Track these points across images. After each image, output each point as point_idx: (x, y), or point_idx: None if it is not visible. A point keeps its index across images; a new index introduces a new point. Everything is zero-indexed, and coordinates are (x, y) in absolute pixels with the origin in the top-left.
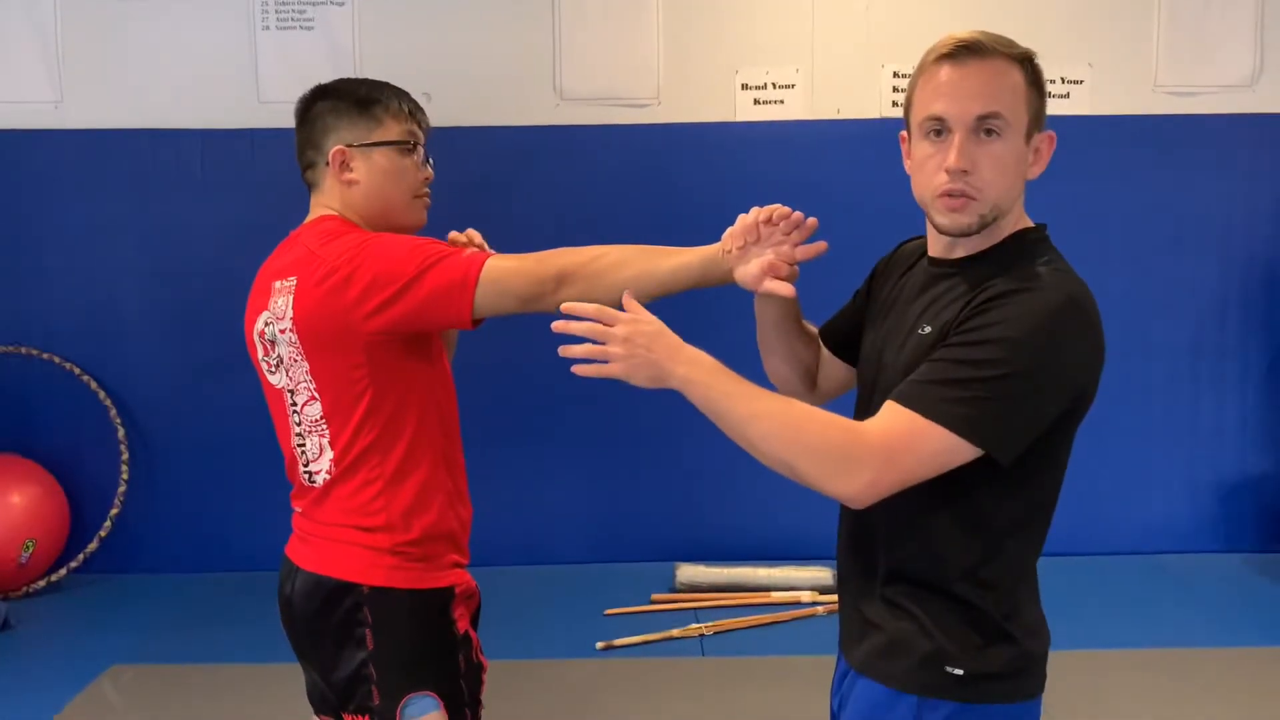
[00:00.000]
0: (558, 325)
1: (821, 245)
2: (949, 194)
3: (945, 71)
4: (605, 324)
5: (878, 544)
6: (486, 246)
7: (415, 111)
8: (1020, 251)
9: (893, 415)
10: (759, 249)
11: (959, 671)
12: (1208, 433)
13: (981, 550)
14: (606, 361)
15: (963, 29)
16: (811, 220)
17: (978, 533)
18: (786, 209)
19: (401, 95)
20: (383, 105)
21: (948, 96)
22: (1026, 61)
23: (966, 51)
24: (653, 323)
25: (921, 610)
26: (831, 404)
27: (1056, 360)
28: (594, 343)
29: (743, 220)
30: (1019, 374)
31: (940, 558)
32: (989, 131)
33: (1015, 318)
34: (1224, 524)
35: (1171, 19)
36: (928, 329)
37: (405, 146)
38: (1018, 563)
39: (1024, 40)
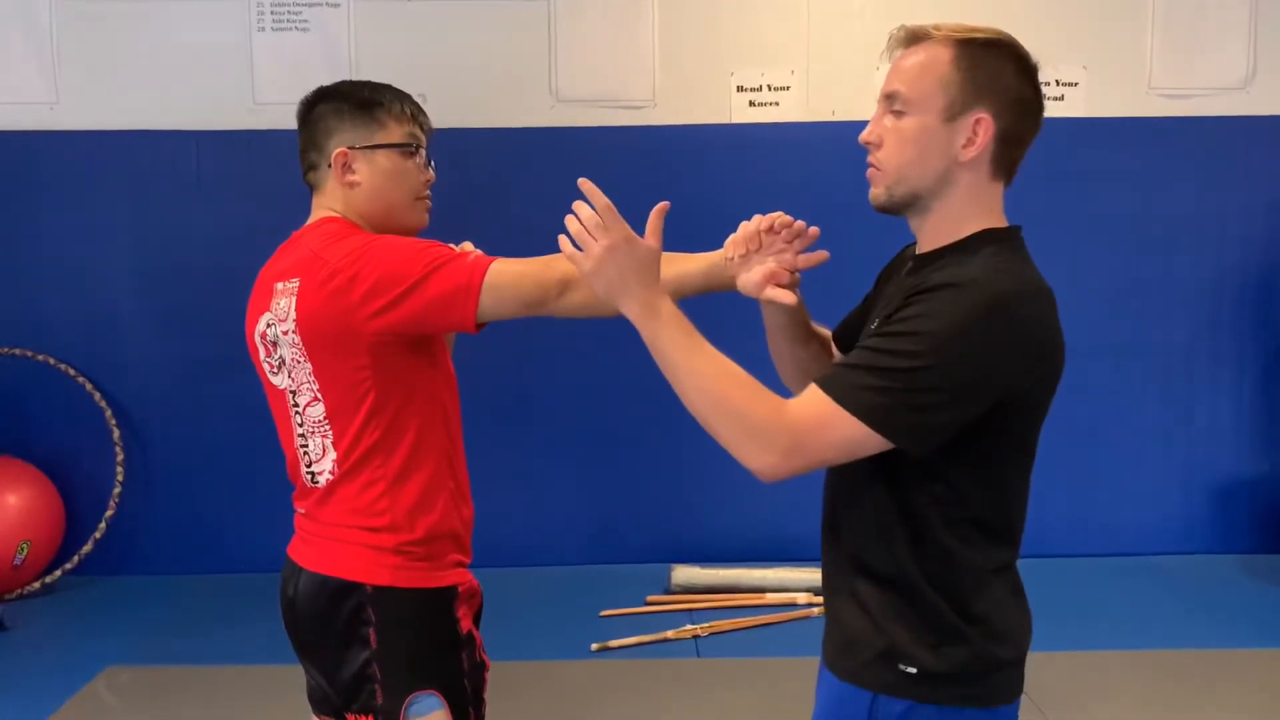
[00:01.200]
0: (582, 182)
1: (823, 254)
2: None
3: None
4: (606, 223)
5: (843, 538)
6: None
7: (418, 114)
8: (972, 249)
9: (812, 398)
10: (761, 257)
11: (912, 670)
12: (1203, 434)
13: (929, 548)
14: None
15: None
16: (813, 229)
17: (924, 531)
18: (788, 218)
19: (404, 98)
20: (385, 108)
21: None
22: (965, 44)
23: (904, 40)
24: (646, 251)
25: (877, 606)
26: None
27: (973, 358)
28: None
29: (744, 228)
30: (932, 368)
31: (892, 554)
32: (896, 111)
33: (937, 312)
34: (1219, 526)
35: (1166, 21)
36: (875, 323)
37: (407, 149)
38: (972, 563)
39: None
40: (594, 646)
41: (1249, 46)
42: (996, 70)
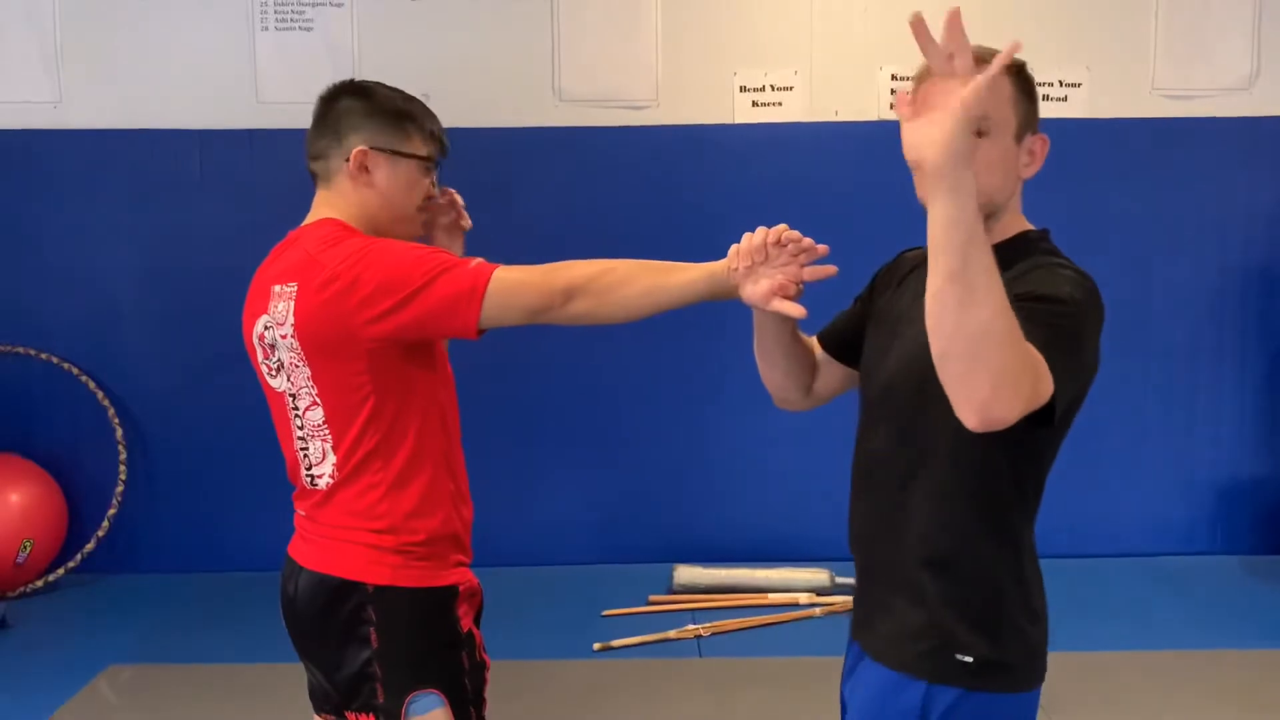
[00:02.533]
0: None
1: (831, 269)
2: None
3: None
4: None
5: (905, 531)
6: (464, 213)
7: (442, 138)
8: (1025, 250)
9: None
10: (766, 268)
11: (968, 659)
12: (1205, 435)
13: (1006, 536)
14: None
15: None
16: (822, 246)
17: (1002, 517)
18: (796, 232)
19: (432, 119)
20: (416, 123)
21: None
22: (1021, 69)
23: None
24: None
25: (937, 595)
26: (827, 406)
27: (1096, 321)
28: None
29: (749, 240)
30: (1080, 328)
31: (964, 541)
32: (979, 132)
33: (1056, 279)
34: (1221, 526)
35: (1169, 22)
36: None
37: (427, 165)
38: (1025, 543)
39: (1022, 44)
40: (596, 646)
41: (1252, 47)
42: (1035, 91)
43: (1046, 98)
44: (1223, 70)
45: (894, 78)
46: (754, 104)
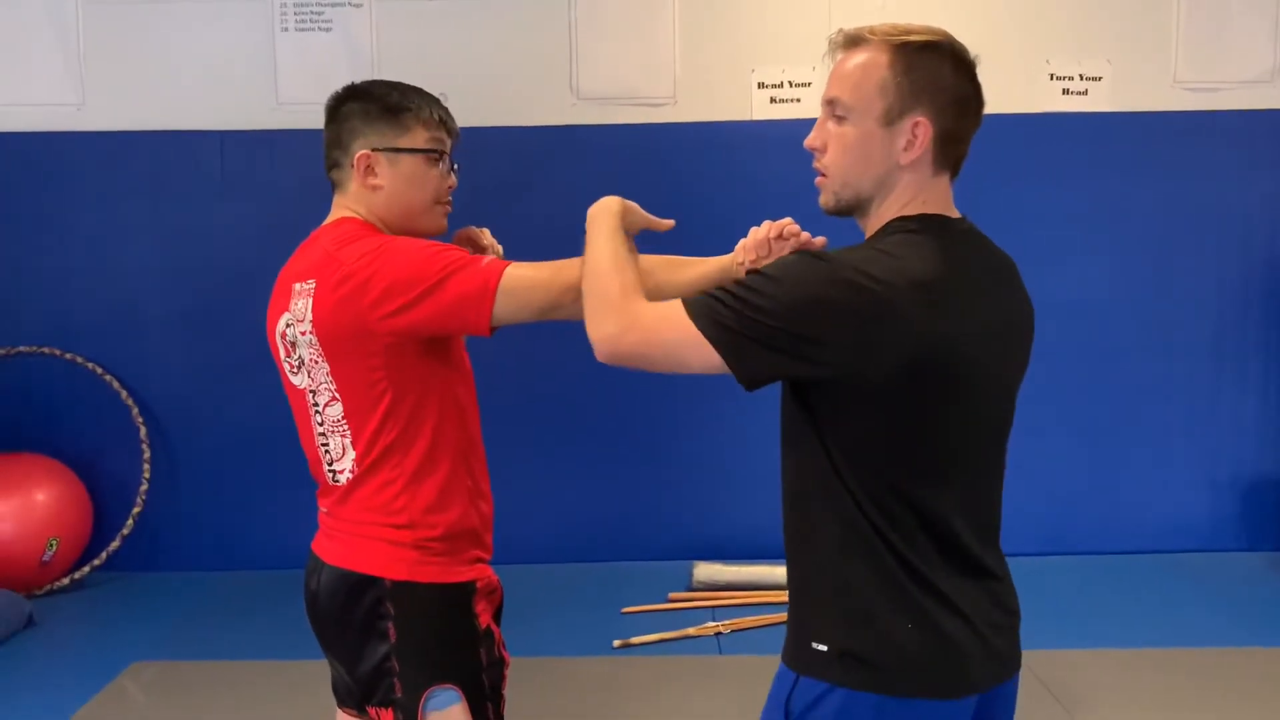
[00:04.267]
0: None
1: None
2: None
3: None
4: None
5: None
6: (496, 245)
7: (445, 120)
8: (878, 235)
9: (668, 303)
10: (770, 261)
11: (821, 648)
12: (1229, 431)
13: (811, 526)
14: None
15: (976, 27)
16: (819, 239)
17: (797, 503)
18: (796, 227)
19: (433, 103)
20: (413, 113)
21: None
22: (902, 48)
23: (843, 43)
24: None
25: (794, 586)
26: None
27: (812, 317)
28: None
29: (754, 234)
30: (773, 308)
31: (794, 535)
32: (838, 117)
33: (796, 267)
34: (1245, 523)
35: (1191, 15)
36: None
37: (431, 155)
38: (846, 543)
39: (1042, 38)
40: (616, 643)
41: (1275, 39)
42: (934, 71)
43: (1067, 91)
44: (1245, 63)
45: None
46: (772, 100)
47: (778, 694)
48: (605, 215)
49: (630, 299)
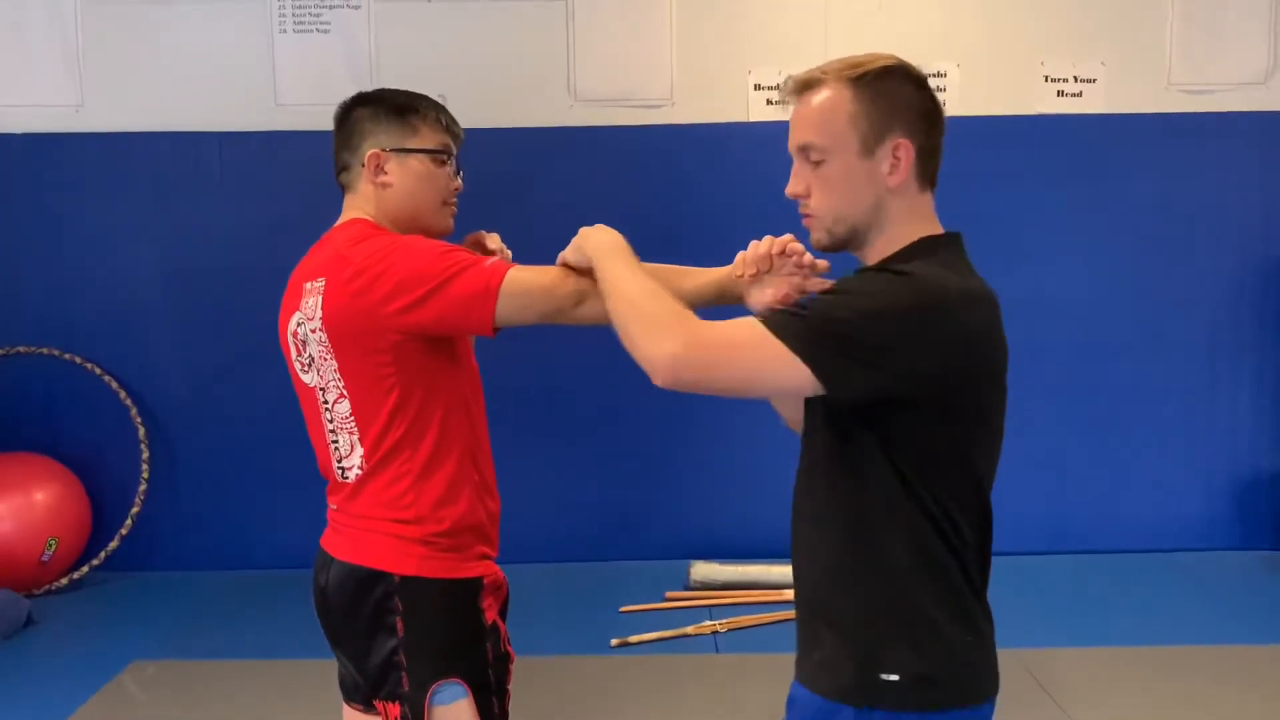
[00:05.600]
0: None
1: (832, 284)
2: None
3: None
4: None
5: (818, 553)
6: (506, 249)
7: (451, 125)
8: (911, 254)
9: (740, 320)
10: (771, 277)
11: (892, 678)
12: (1224, 430)
13: (874, 552)
14: None
15: (970, 29)
16: (822, 263)
17: (855, 532)
18: (798, 245)
19: (439, 108)
20: (420, 115)
21: (790, 133)
22: (860, 79)
23: (796, 89)
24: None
25: (849, 617)
26: None
27: (895, 334)
28: None
29: (755, 249)
30: (857, 324)
31: (847, 564)
32: (814, 161)
33: (873, 289)
34: (1240, 521)
35: (1185, 17)
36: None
37: (439, 156)
38: (917, 565)
39: (1036, 40)
40: (614, 642)
41: (1269, 41)
42: (899, 93)
43: (1061, 93)
44: (1239, 65)
45: None
46: (769, 102)
47: None
48: (618, 250)
49: (687, 318)
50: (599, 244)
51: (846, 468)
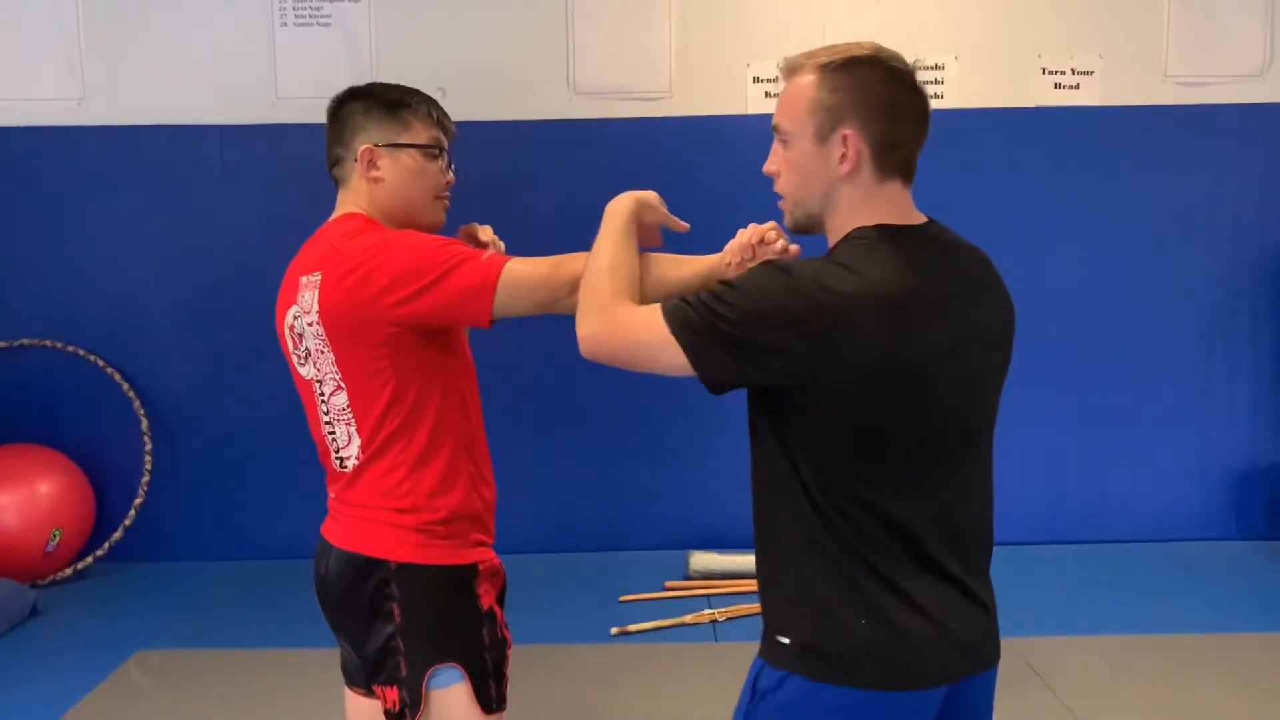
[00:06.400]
0: None
1: None
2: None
3: None
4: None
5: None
6: (499, 241)
7: (443, 119)
8: (836, 249)
9: (648, 307)
10: (755, 264)
11: (784, 640)
12: (1219, 420)
13: (772, 522)
14: None
15: (968, 22)
16: (794, 247)
17: (760, 499)
18: (775, 234)
19: (431, 102)
20: (412, 110)
21: None
22: (824, 68)
23: (784, 71)
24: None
25: (759, 579)
26: None
27: (768, 328)
28: None
29: (739, 238)
30: (734, 318)
31: (759, 530)
32: (783, 142)
33: (758, 280)
34: (1235, 511)
35: (1182, 9)
36: None
37: (430, 150)
38: (804, 541)
39: (1033, 32)
40: (613, 631)
41: (1266, 34)
42: (860, 85)
43: (1059, 86)
44: (1236, 57)
45: None
46: (767, 95)
47: (749, 676)
48: (618, 215)
49: (616, 301)
50: (607, 211)
51: (757, 449)
